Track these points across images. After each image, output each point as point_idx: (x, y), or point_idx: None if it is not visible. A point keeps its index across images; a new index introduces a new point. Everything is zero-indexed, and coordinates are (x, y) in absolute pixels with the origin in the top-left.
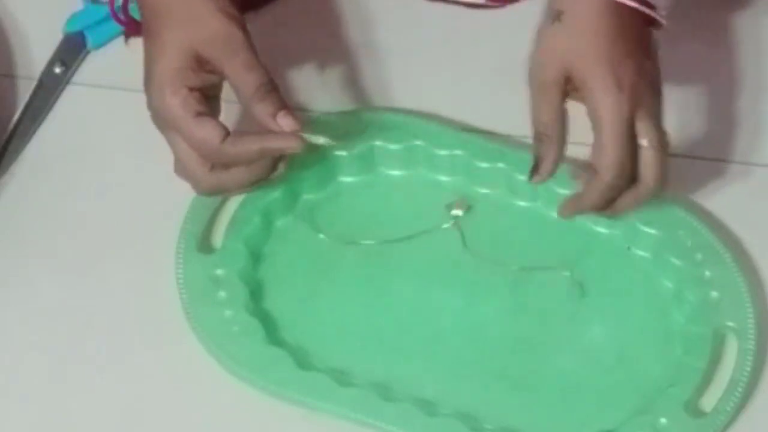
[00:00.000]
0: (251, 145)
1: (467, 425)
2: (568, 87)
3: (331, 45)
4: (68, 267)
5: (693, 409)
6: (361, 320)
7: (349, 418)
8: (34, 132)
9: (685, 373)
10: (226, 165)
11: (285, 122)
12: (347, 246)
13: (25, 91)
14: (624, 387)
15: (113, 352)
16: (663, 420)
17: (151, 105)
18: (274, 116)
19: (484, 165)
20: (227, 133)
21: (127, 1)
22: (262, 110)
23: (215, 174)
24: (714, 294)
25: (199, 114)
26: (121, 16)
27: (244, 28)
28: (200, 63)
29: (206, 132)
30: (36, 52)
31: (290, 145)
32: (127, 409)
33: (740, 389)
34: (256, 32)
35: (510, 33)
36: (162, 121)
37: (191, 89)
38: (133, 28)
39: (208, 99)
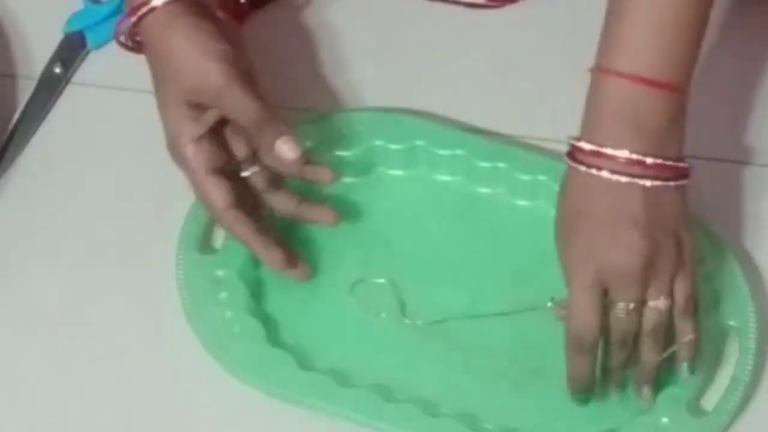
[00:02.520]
0: (245, 235)
1: (468, 425)
2: None
3: (330, 45)
4: (68, 267)
5: (694, 408)
6: (362, 321)
7: (350, 418)
8: (34, 132)
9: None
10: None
11: (283, 151)
12: (348, 247)
13: (25, 91)
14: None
15: (113, 352)
16: (664, 419)
17: (171, 154)
18: (272, 146)
19: (485, 165)
20: (232, 201)
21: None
22: (263, 143)
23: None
24: (715, 293)
25: (211, 171)
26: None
27: (227, 61)
28: (197, 109)
29: (213, 194)
30: (36, 52)
31: (272, 267)
32: (128, 409)
33: (742, 388)
34: (257, 32)
35: (510, 33)
36: (181, 168)
37: (199, 139)
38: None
39: (226, 137)
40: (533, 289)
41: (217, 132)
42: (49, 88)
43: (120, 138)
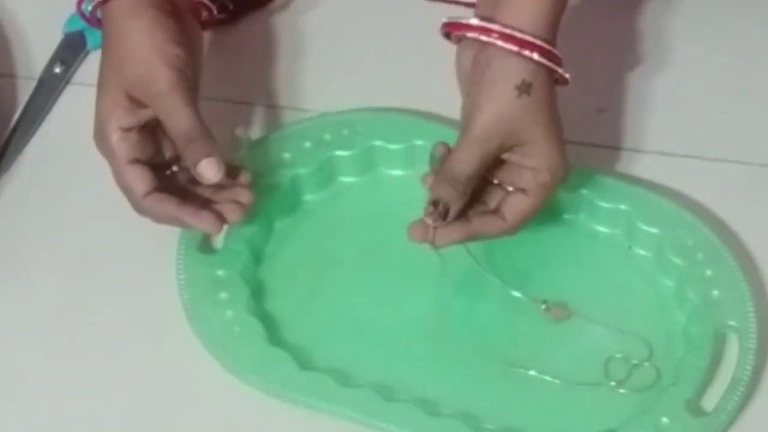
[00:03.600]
0: (170, 211)
1: (468, 425)
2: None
3: (330, 45)
4: (68, 267)
5: (694, 408)
6: (362, 320)
7: (351, 418)
8: (34, 132)
9: (687, 372)
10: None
11: (204, 171)
12: (348, 247)
13: (25, 91)
14: (625, 386)
15: (114, 352)
16: (664, 419)
17: (94, 137)
18: (195, 166)
19: None
20: (153, 188)
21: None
22: (187, 158)
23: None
24: (715, 293)
25: (133, 161)
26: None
27: (177, 68)
28: (134, 102)
29: (132, 182)
30: (36, 52)
31: (206, 227)
32: (128, 409)
33: (742, 388)
34: (256, 32)
35: None
36: (102, 153)
37: (128, 129)
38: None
39: (155, 134)
40: (533, 289)
41: (147, 127)
42: (49, 88)
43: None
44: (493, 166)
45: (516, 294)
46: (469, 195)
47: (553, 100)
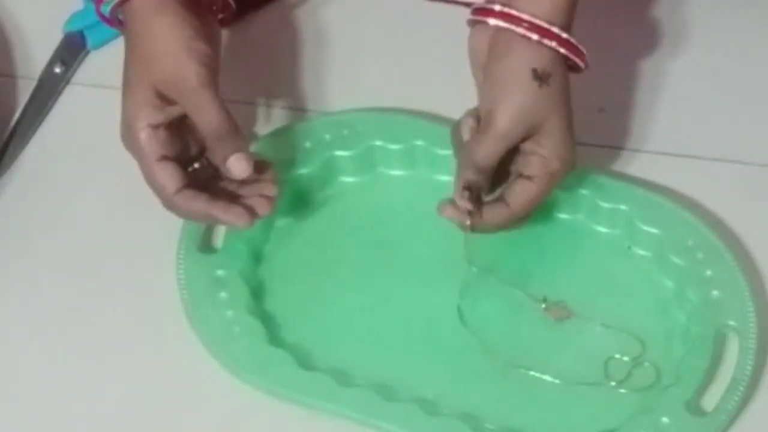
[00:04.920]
0: (201, 208)
1: (468, 425)
2: None
3: (330, 45)
4: (68, 267)
5: (694, 408)
6: (362, 320)
7: (351, 418)
8: (34, 132)
9: (687, 372)
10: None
11: (234, 167)
12: (348, 246)
13: (25, 91)
14: (625, 386)
15: (114, 352)
16: (664, 419)
17: (122, 135)
18: (224, 161)
19: None
20: (184, 185)
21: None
22: (216, 155)
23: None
24: (715, 293)
25: (162, 158)
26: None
27: (205, 64)
28: (163, 99)
29: (163, 179)
30: (36, 52)
31: (238, 222)
32: (128, 409)
33: (742, 388)
34: (256, 32)
35: None
36: (131, 151)
37: (156, 126)
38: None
39: (181, 130)
40: (533, 289)
41: (174, 124)
42: (49, 88)
43: (120, 138)
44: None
45: (516, 293)
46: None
47: (568, 88)
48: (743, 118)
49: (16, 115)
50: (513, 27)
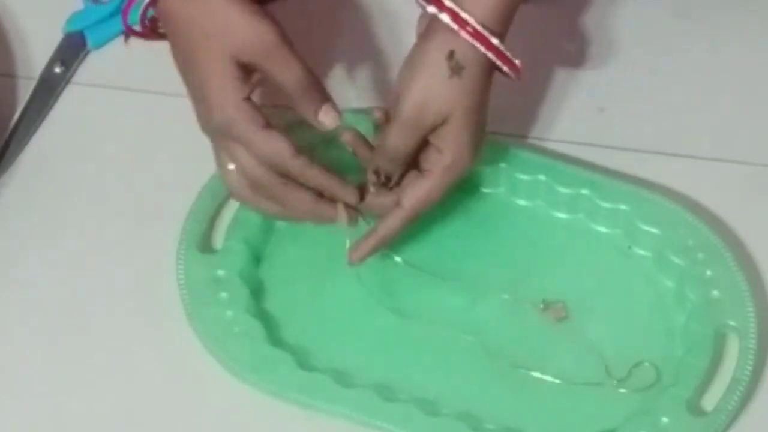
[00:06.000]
0: (316, 176)
1: (468, 425)
2: None
3: (330, 45)
4: (68, 267)
5: (694, 408)
6: (362, 321)
7: (350, 418)
8: (34, 132)
9: (687, 372)
10: (290, 180)
11: (326, 119)
12: (345, 246)
13: (25, 91)
14: (625, 386)
15: (113, 352)
16: (664, 419)
17: (209, 121)
18: (316, 114)
19: (485, 165)
20: (296, 149)
21: (146, 9)
22: (305, 109)
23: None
24: (715, 293)
25: (267, 126)
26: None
27: (273, 22)
28: (246, 70)
29: (277, 145)
30: (36, 52)
31: (353, 195)
32: (128, 409)
33: (742, 388)
34: None
35: (509, 33)
36: (225, 136)
37: (246, 98)
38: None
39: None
40: (533, 289)
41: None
42: (49, 88)
43: (120, 138)
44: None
45: (506, 296)
46: (406, 164)
47: (482, 91)
48: (744, 118)
49: (16, 115)
50: (441, 15)
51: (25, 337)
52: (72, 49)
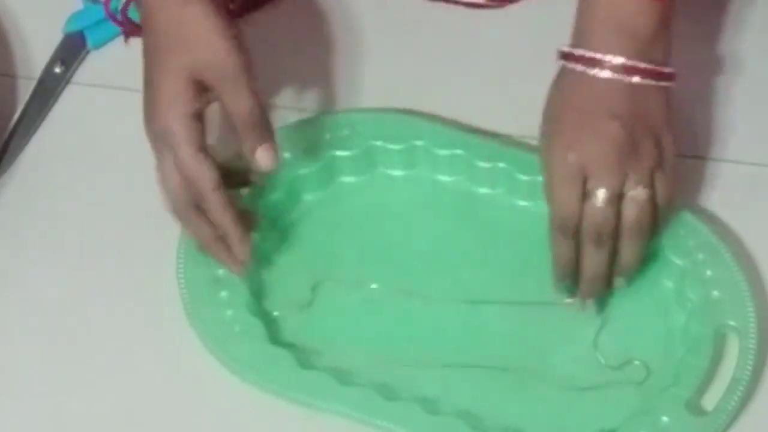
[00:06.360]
0: (224, 217)
1: (469, 424)
2: None
3: (330, 45)
4: (68, 267)
5: (694, 407)
6: (362, 320)
7: (351, 417)
8: (34, 132)
9: (687, 372)
10: (201, 211)
11: (263, 158)
12: (348, 246)
13: (25, 91)
14: (625, 386)
15: (114, 352)
16: (664, 419)
17: (151, 126)
18: (254, 152)
19: (485, 165)
20: (220, 184)
21: (127, 4)
22: (246, 143)
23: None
24: (715, 293)
25: (201, 149)
26: (119, 17)
27: (239, 50)
28: (201, 87)
29: (203, 171)
30: (36, 52)
31: (245, 254)
32: (128, 408)
33: (742, 388)
34: (256, 32)
35: (510, 33)
36: (161, 142)
37: (193, 115)
38: (130, 29)
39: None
40: (533, 289)
41: (201, 116)
42: (49, 88)
43: (120, 138)
44: None
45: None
46: None
47: None
48: (744, 119)
49: (16, 115)
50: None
51: (25, 336)
52: (72, 49)
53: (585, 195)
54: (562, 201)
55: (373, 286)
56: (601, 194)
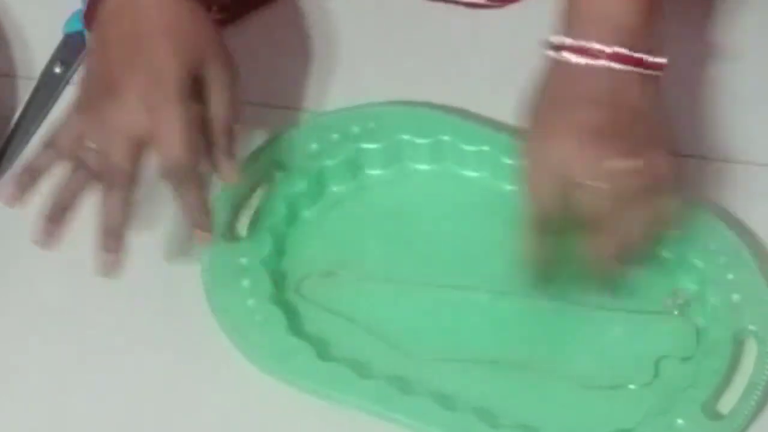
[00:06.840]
0: (196, 198)
1: (484, 421)
2: None
3: (330, 45)
4: (77, 265)
5: (710, 411)
6: (382, 313)
7: (367, 409)
8: (34, 132)
9: (704, 375)
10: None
11: (227, 168)
12: (371, 239)
13: (25, 91)
14: (641, 387)
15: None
16: (680, 421)
17: (153, 88)
18: (222, 159)
19: (510, 161)
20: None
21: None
22: (216, 147)
23: None
24: (735, 297)
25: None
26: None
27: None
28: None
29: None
30: (36, 52)
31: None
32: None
33: (758, 392)
34: (255, 32)
35: (510, 33)
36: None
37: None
38: None
39: None
40: (559, 285)
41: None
42: (49, 88)
43: None
44: None
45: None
46: None
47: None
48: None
49: (16, 115)
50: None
51: (28, 334)
52: (72, 49)
53: (570, 185)
54: (542, 193)
55: (396, 279)
56: (588, 180)
